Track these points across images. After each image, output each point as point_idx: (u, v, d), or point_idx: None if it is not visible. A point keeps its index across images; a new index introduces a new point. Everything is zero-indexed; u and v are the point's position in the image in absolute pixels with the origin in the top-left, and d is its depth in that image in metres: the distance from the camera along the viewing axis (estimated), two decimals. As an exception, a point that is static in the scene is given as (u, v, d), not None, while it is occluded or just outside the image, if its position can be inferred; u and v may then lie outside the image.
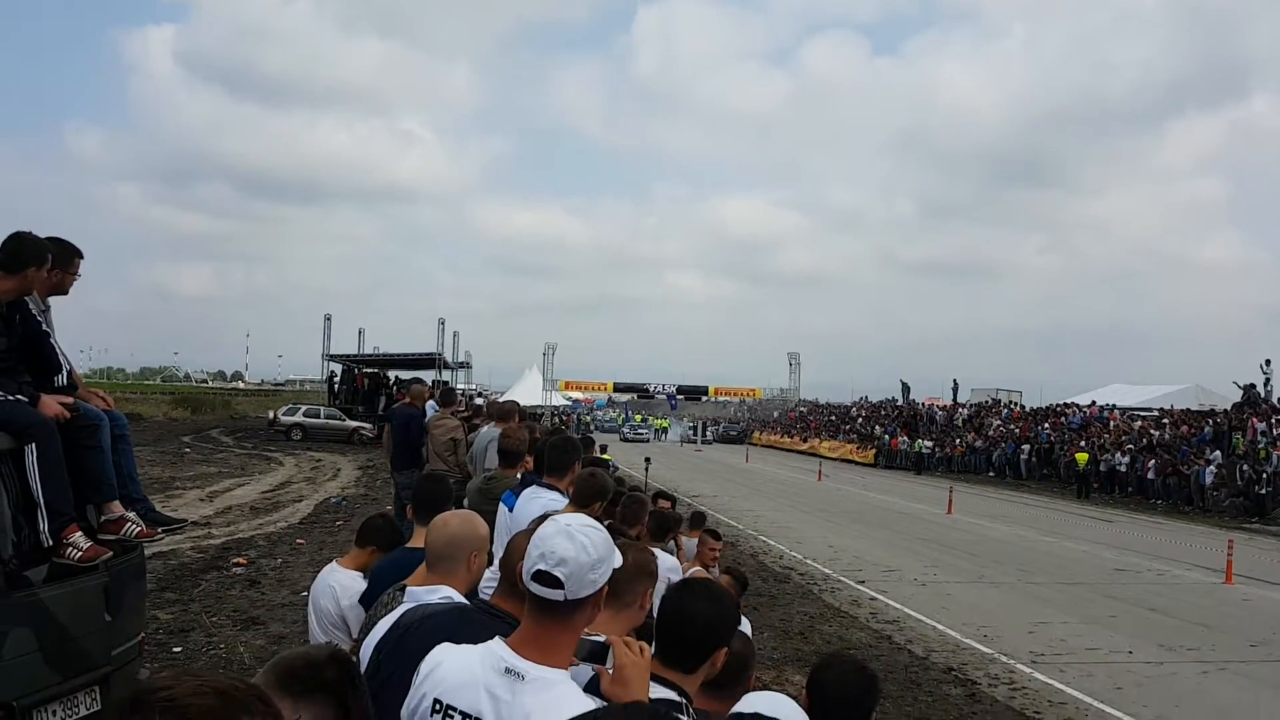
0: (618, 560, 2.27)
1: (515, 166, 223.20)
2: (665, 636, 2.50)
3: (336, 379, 48.87)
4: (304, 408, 43.76)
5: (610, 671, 2.29)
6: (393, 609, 3.07)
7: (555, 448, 5.72)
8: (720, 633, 2.46)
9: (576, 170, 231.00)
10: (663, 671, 2.44)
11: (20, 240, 4.77)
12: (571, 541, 2.17)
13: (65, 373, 5.01)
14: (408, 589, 3.17)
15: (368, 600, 4.04)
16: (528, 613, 2.24)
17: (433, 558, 3.21)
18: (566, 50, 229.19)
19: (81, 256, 5.28)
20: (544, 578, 2.16)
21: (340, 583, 4.55)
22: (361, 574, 4.65)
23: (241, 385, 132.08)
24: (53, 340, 5.02)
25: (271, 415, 42.58)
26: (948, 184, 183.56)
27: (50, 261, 4.89)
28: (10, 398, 4.47)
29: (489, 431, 8.91)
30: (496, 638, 2.24)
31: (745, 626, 3.85)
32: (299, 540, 14.66)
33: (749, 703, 2.52)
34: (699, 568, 7.48)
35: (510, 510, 5.72)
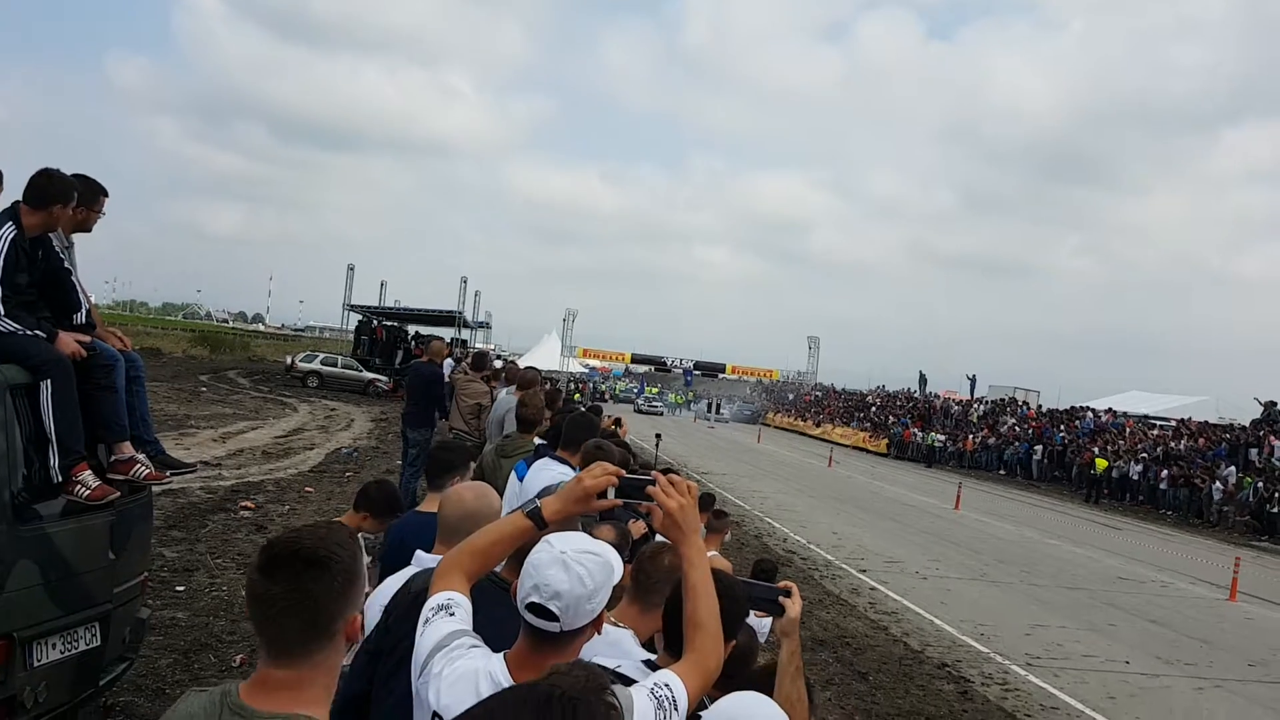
0: (619, 575, 2.21)
1: (554, 129, 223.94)
2: (669, 627, 2.49)
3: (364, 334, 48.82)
4: (321, 355, 44.01)
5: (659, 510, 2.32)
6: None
7: (573, 424, 5.76)
8: (725, 627, 2.42)
9: (614, 136, 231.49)
10: (663, 660, 2.44)
11: (48, 177, 4.79)
12: (567, 573, 2.10)
13: (84, 311, 5.04)
14: (418, 554, 3.19)
15: (387, 561, 4.07)
16: (523, 636, 2.19)
17: (446, 530, 3.23)
18: (618, 12, 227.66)
19: (107, 195, 5.31)
20: (539, 610, 2.10)
21: None
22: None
23: (262, 328, 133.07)
24: (74, 278, 5.05)
25: (289, 360, 42.80)
26: (990, 177, 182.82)
27: (76, 199, 4.91)
28: (29, 332, 4.49)
29: (507, 399, 8.93)
30: (498, 657, 2.18)
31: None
32: (307, 489, 14.76)
33: (726, 708, 2.45)
34: (714, 553, 7.48)
35: (520, 480, 5.75)
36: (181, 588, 8.65)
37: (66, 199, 4.82)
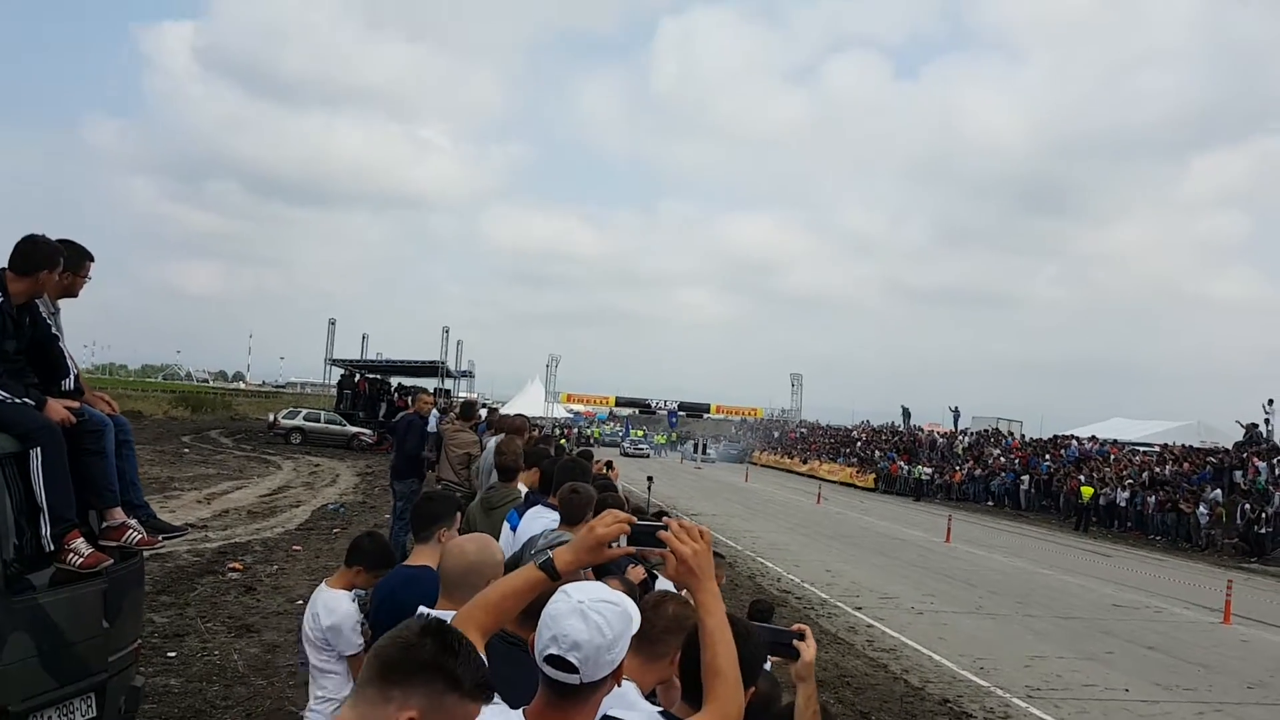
0: (636, 626, 2.19)
1: (529, 176, 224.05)
2: (687, 676, 2.46)
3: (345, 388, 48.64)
4: (304, 411, 43.79)
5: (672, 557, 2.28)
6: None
7: (564, 469, 5.72)
8: (743, 673, 2.37)
9: (590, 182, 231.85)
10: (682, 711, 2.41)
11: (33, 243, 4.77)
12: (585, 622, 2.07)
13: (72, 377, 5.01)
14: (420, 611, 3.13)
15: (378, 618, 4.02)
16: (542, 690, 2.15)
17: (449, 584, 3.18)
18: (589, 60, 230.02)
19: (92, 259, 5.29)
20: (557, 662, 2.07)
21: (325, 603, 4.55)
22: (348, 593, 4.64)
23: (242, 386, 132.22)
24: (61, 344, 5.02)
25: (272, 418, 42.59)
26: (962, 211, 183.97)
27: (62, 264, 4.90)
28: (17, 400, 4.46)
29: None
30: (517, 714, 2.15)
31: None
32: (295, 547, 14.61)
33: None
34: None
35: (514, 529, 5.73)
36: (173, 653, 8.52)
37: (52, 265, 4.80)
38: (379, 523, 16.82)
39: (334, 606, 4.53)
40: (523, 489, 6.61)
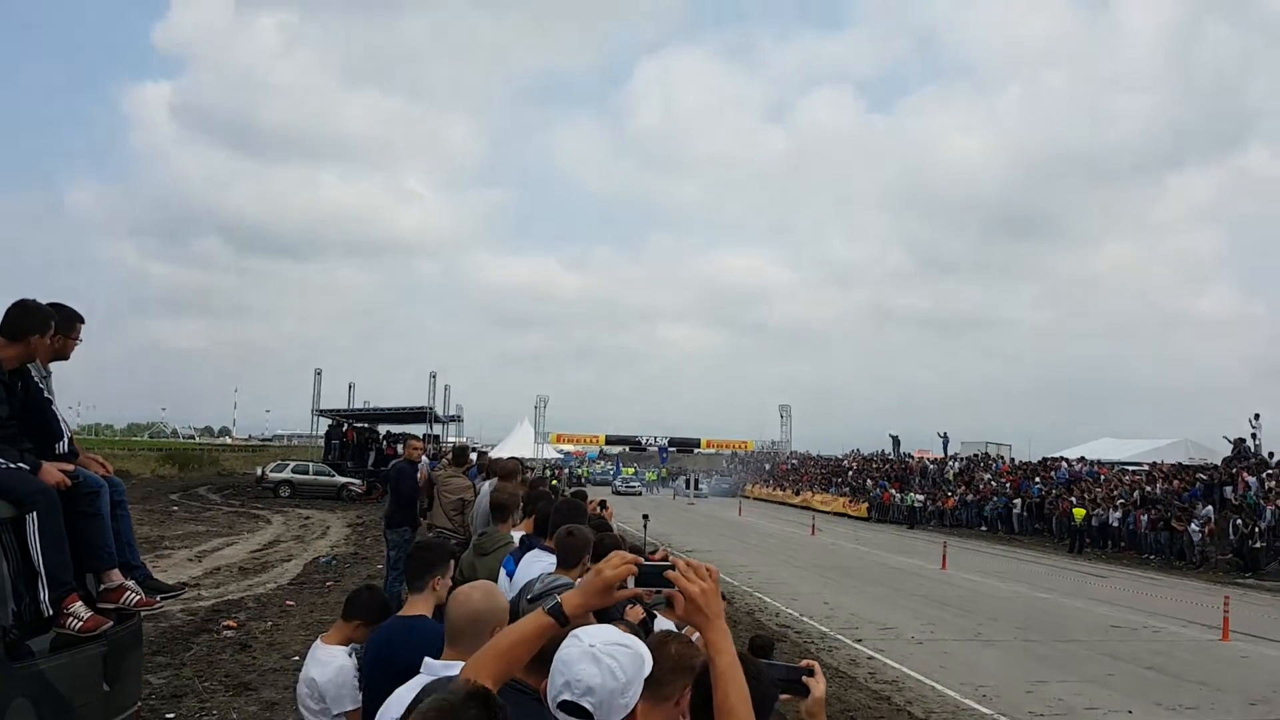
0: (649, 669, 2.19)
1: (511, 219, 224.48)
2: (697, 714, 2.44)
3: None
4: (293, 463, 43.57)
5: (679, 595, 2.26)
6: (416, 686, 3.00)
7: (559, 511, 5.72)
8: (755, 711, 2.35)
9: (572, 223, 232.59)
10: None
11: (23, 308, 4.80)
12: (598, 666, 2.07)
13: (66, 440, 5.01)
14: (427, 662, 3.11)
15: (371, 670, 3.98)
16: None
17: (455, 633, 3.15)
18: (566, 103, 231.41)
19: (83, 321, 5.31)
20: (572, 708, 2.06)
21: (319, 659, 4.50)
22: (345, 648, 4.58)
23: (229, 441, 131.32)
24: (54, 407, 5.03)
25: (260, 472, 42.32)
26: (943, 238, 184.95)
27: (53, 328, 4.92)
28: (12, 465, 4.46)
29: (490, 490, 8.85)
30: None
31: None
32: (289, 602, 14.48)
33: None
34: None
35: (510, 575, 5.70)
36: (172, 715, 8.42)
37: (44, 329, 4.83)
38: (372, 574, 16.71)
39: (328, 662, 4.47)
40: (516, 535, 6.57)
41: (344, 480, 41.02)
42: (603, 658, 2.08)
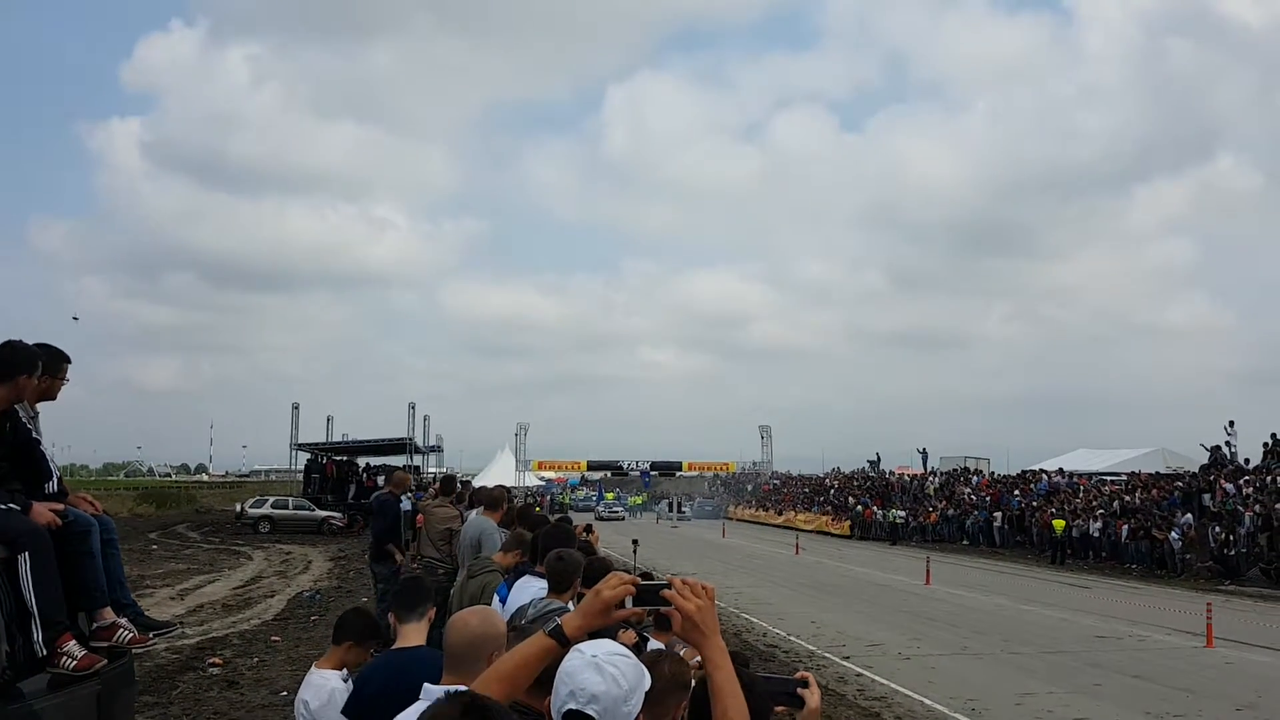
0: (649, 683, 2.23)
1: (487, 248, 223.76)
2: None
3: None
4: (272, 498, 43.22)
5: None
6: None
7: (549, 536, 5.74)
8: None
9: (548, 249, 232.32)
10: None
11: (10, 348, 4.79)
12: (601, 675, 2.10)
13: (55, 479, 5.00)
14: (426, 688, 3.13)
15: (375, 704, 3.98)
16: None
17: (453, 658, 3.18)
18: (539, 130, 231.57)
19: (69, 362, 5.31)
20: (577, 717, 2.09)
21: (313, 683, 4.53)
22: (339, 672, 4.61)
23: (205, 478, 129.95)
24: (43, 447, 5.02)
25: (239, 508, 41.92)
26: (916, 255, 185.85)
27: (40, 368, 4.91)
28: (2, 507, 4.45)
29: (477, 520, 8.87)
30: None
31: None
32: (274, 638, 14.37)
33: None
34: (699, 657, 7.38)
35: (503, 601, 5.72)
36: (159, 755, 8.34)
37: (31, 369, 4.82)
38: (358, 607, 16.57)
39: (322, 685, 4.49)
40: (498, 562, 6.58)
41: (324, 514, 40.70)
42: (605, 667, 2.12)
